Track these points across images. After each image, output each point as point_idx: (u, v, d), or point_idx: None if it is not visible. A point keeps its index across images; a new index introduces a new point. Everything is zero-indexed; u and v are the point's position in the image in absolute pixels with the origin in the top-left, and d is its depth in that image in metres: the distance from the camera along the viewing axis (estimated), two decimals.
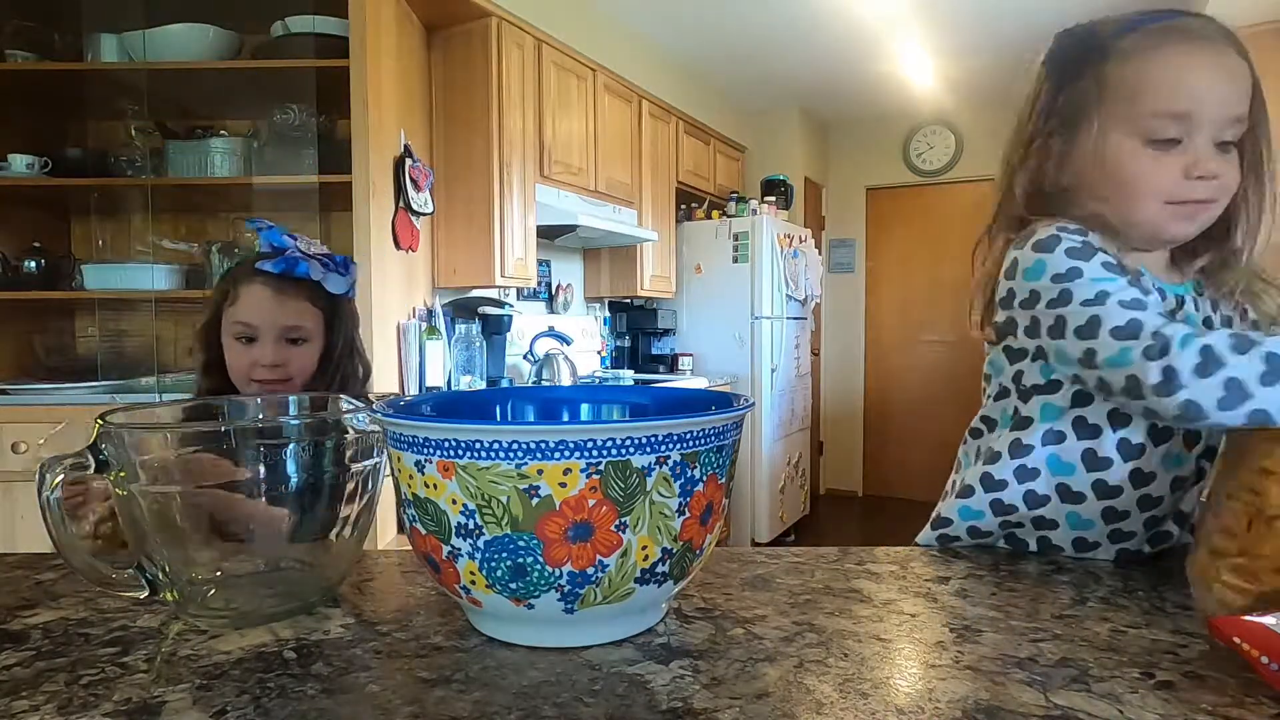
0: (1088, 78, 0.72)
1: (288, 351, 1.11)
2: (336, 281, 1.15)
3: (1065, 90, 0.74)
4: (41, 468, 0.51)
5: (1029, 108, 0.77)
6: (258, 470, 0.57)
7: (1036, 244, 0.70)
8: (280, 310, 1.11)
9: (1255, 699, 0.43)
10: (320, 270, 1.13)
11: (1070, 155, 0.74)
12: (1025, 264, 0.71)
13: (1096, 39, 0.72)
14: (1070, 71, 0.73)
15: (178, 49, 2.17)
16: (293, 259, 1.10)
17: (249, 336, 1.10)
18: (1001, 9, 3.38)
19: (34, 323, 2.39)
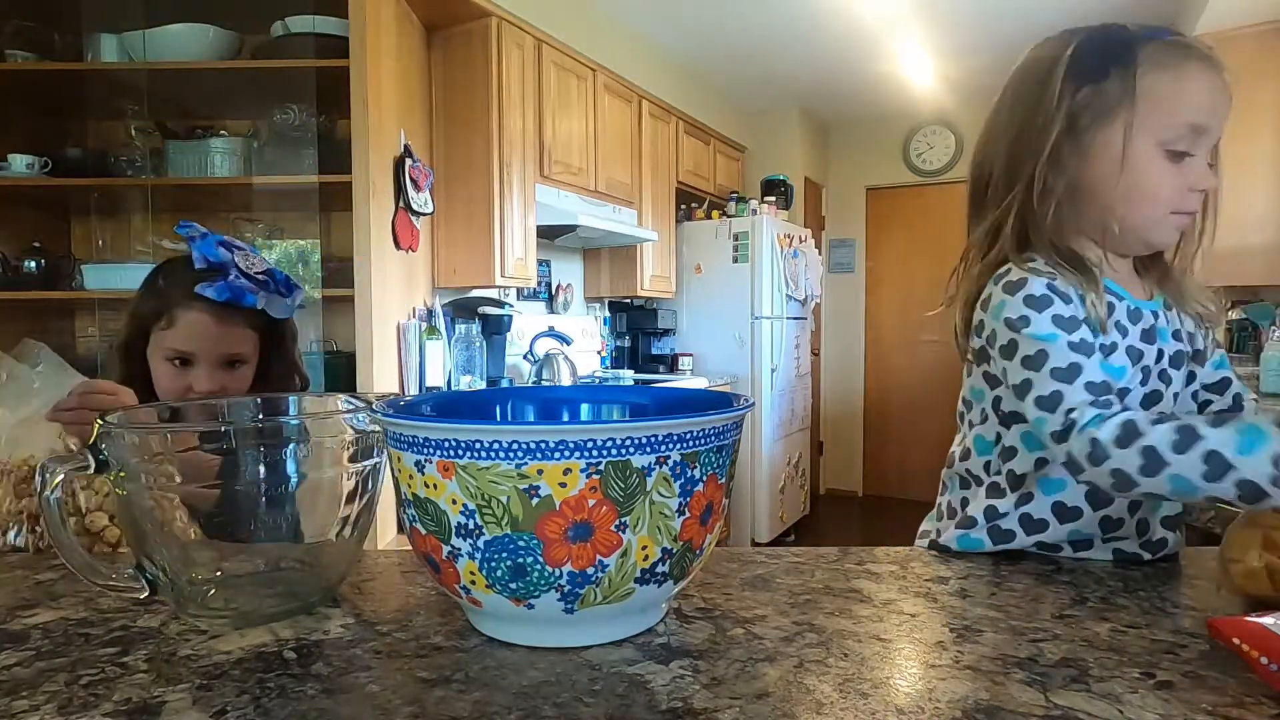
0: (1114, 79, 0.71)
1: (224, 376, 1.06)
2: (279, 306, 1.08)
3: (1086, 90, 0.73)
4: (42, 468, 0.51)
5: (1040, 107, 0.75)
6: (258, 470, 0.57)
7: (1007, 284, 0.73)
8: (221, 339, 1.04)
9: (1255, 699, 0.43)
10: (264, 297, 1.05)
11: (1085, 155, 0.73)
12: (993, 300, 0.74)
13: (1123, 43, 0.72)
14: (1095, 71, 0.72)
15: (178, 49, 2.17)
16: (238, 288, 1.02)
17: (183, 360, 1.04)
18: (1001, 9, 3.38)
19: (34, 323, 2.39)
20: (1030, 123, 0.75)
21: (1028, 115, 0.76)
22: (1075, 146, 0.74)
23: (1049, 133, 0.73)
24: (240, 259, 1.05)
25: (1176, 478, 0.59)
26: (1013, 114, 0.78)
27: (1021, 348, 0.70)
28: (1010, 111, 0.78)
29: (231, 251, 1.05)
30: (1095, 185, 0.74)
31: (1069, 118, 0.73)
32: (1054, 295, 0.71)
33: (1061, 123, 0.73)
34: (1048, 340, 0.69)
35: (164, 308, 1.04)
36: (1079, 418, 0.65)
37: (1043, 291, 0.71)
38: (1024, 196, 0.75)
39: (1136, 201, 0.72)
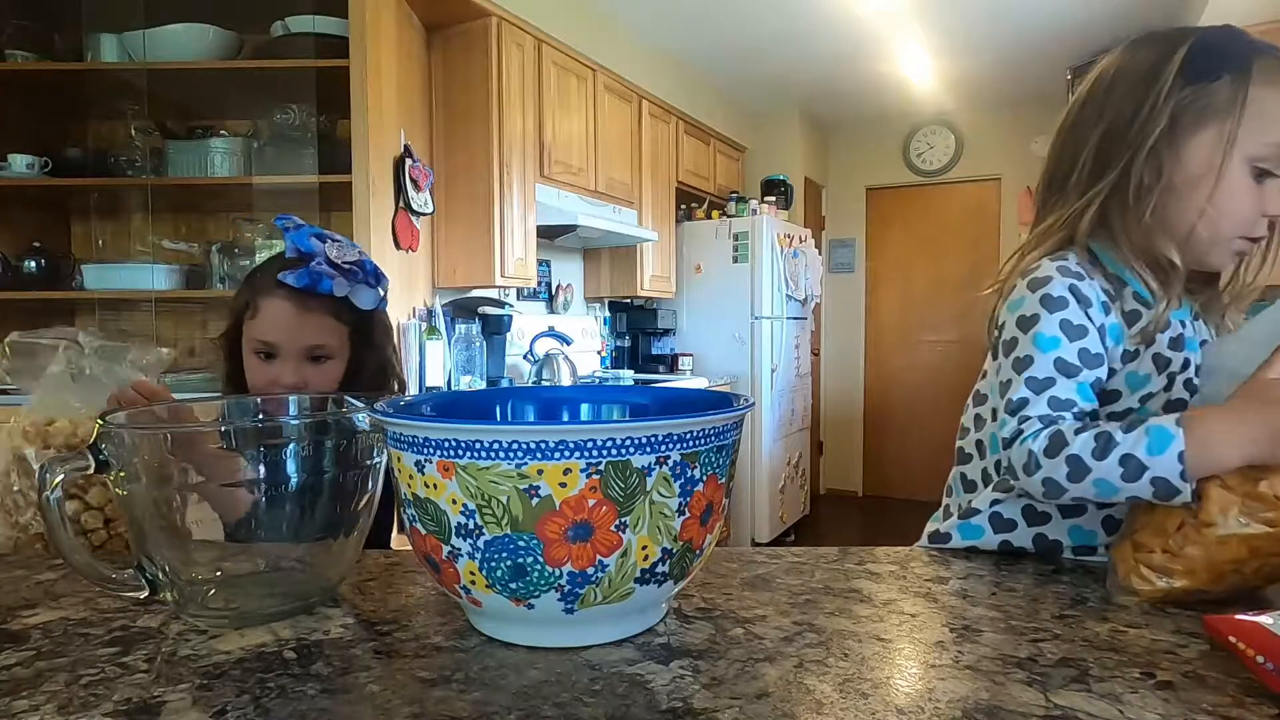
0: (1225, 83, 0.70)
1: (308, 370, 1.03)
2: (365, 296, 1.04)
3: (1195, 89, 0.70)
4: (42, 469, 0.51)
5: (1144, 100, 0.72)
6: (258, 470, 0.57)
7: (1031, 280, 0.73)
8: (302, 328, 1.01)
9: (1255, 699, 0.43)
10: (345, 285, 1.02)
11: (1179, 156, 0.72)
12: (1015, 294, 0.74)
13: (1240, 49, 0.71)
14: (1209, 72, 0.70)
15: (178, 49, 2.17)
16: (316, 273, 0.99)
17: (268, 353, 1.02)
18: (1001, 9, 3.38)
19: (34, 323, 2.38)
20: (1130, 115, 0.73)
21: (1128, 107, 0.73)
22: (1171, 145, 0.72)
23: (1151, 128, 0.71)
24: (332, 249, 1.02)
25: (1099, 481, 0.62)
26: (1109, 104, 0.75)
27: (1019, 347, 0.71)
28: (1106, 102, 0.76)
29: (324, 242, 1.03)
30: (1185, 189, 0.72)
31: (1173, 116, 0.71)
32: (1072, 298, 0.70)
33: (1165, 119, 0.71)
34: (1044, 347, 0.70)
35: (251, 297, 1.03)
36: (1026, 429, 0.67)
37: (1061, 293, 0.71)
38: (1113, 189, 0.74)
39: (1219, 216, 0.71)
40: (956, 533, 0.78)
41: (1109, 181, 0.74)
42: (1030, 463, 0.65)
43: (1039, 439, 0.65)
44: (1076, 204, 0.76)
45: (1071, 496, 0.64)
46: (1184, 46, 0.71)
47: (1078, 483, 0.63)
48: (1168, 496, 0.60)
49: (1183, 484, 0.59)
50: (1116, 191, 0.74)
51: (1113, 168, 0.74)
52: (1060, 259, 0.74)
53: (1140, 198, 0.72)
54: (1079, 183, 0.77)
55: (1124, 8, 3.29)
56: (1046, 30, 3.54)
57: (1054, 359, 0.69)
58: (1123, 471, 0.61)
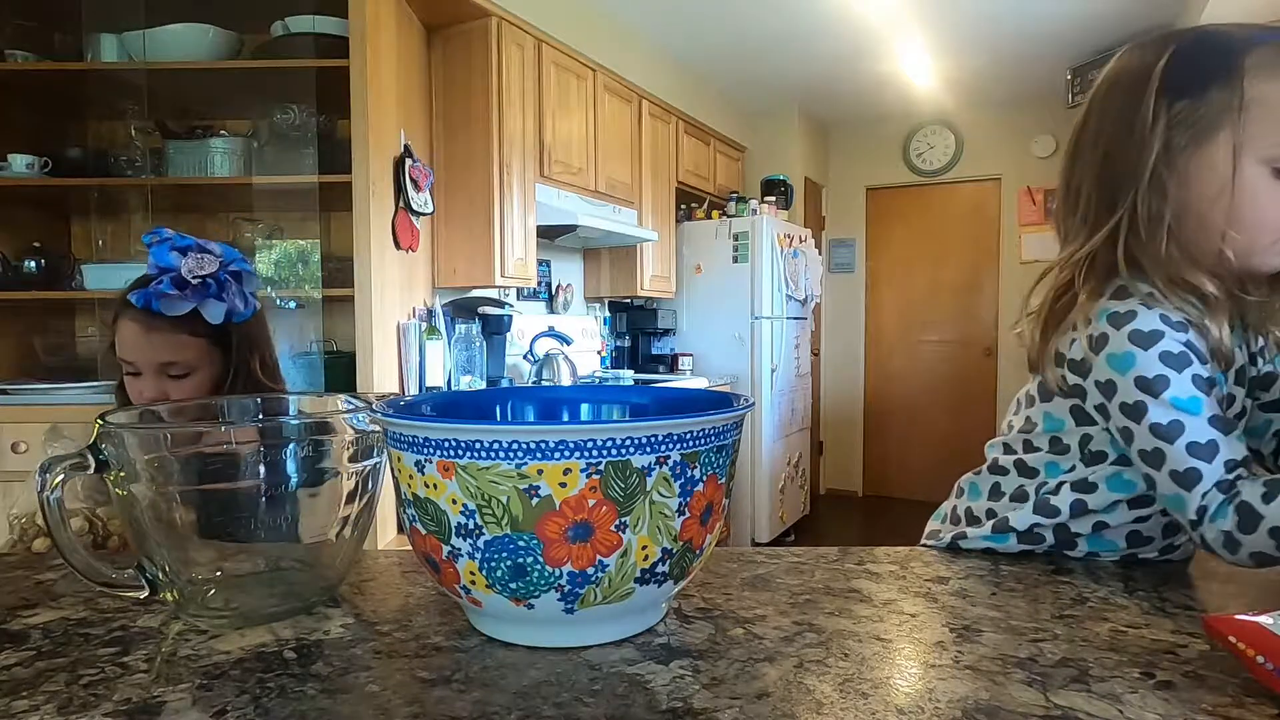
0: (1215, 92, 0.65)
1: (169, 385, 1.05)
2: (213, 309, 1.04)
3: (1183, 106, 0.66)
4: (42, 468, 0.51)
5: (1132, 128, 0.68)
6: (257, 470, 0.57)
7: (1134, 334, 0.65)
8: (149, 346, 1.03)
9: (1255, 699, 0.43)
10: (184, 304, 1.02)
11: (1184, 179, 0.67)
12: (1113, 349, 0.66)
13: (1223, 50, 0.66)
14: (1192, 85, 0.66)
15: (178, 49, 2.17)
16: (148, 294, 1.00)
17: (131, 371, 1.05)
18: (1001, 9, 3.38)
19: (34, 323, 2.39)
20: (1123, 143, 0.69)
21: (1119, 135, 0.69)
22: (1172, 170, 0.67)
23: (1145, 156, 0.67)
24: (190, 262, 1.02)
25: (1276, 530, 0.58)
26: (1101, 130, 0.72)
27: (1152, 414, 0.64)
28: (1099, 127, 0.72)
29: (185, 255, 1.03)
30: (1200, 211, 0.67)
31: (1165, 136, 0.66)
32: (1192, 355, 0.65)
33: (1159, 145, 0.66)
34: (1189, 410, 0.63)
35: (112, 317, 1.06)
36: (1209, 504, 0.62)
37: (1180, 349, 0.65)
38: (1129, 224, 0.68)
39: (1244, 227, 0.66)
40: (981, 541, 0.76)
41: (1121, 215, 0.69)
42: (1229, 543, 0.61)
43: (1227, 517, 0.61)
44: (1094, 240, 0.71)
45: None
46: (1162, 61, 0.67)
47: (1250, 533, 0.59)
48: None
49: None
50: (1131, 224, 0.68)
51: (1121, 199, 0.69)
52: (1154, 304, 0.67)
53: (1153, 228, 0.67)
54: (1089, 215, 0.72)
55: (1124, 8, 3.29)
56: (1046, 30, 3.54)
57: (1207, 419, 0.63)
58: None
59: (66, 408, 2.02)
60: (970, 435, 4.92)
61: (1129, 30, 3.52)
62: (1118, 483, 0.72)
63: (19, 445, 2.01)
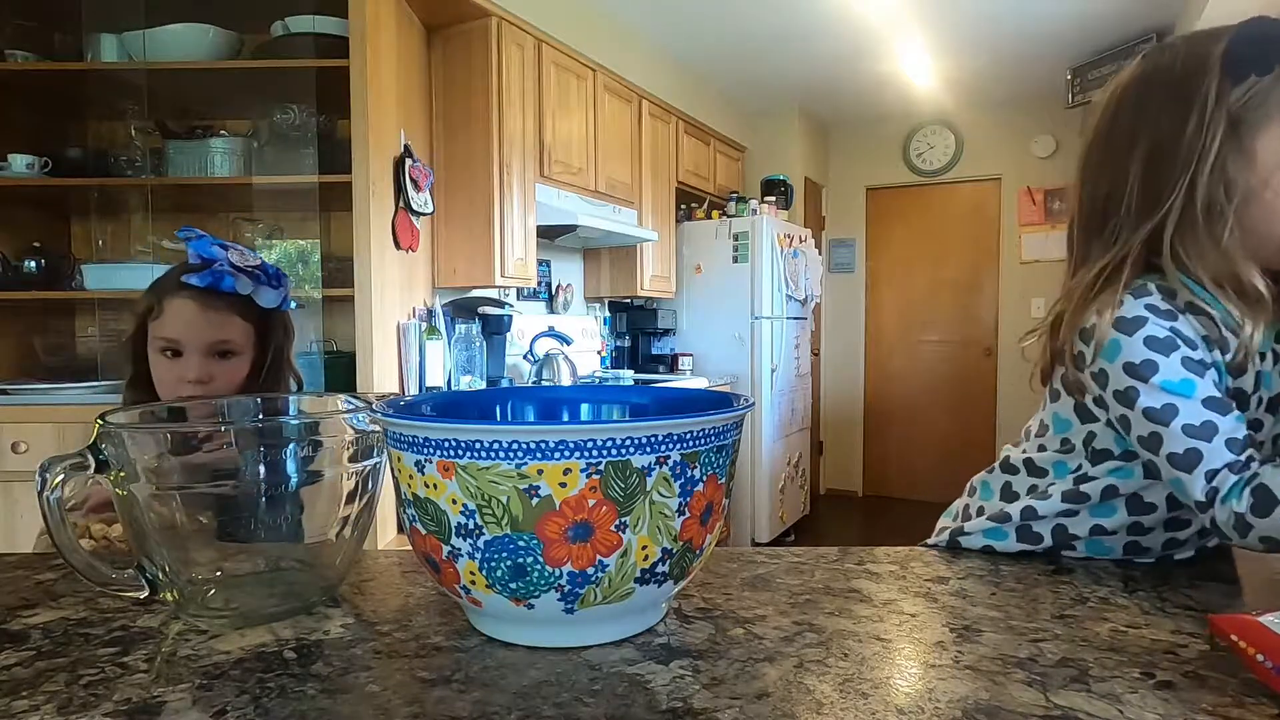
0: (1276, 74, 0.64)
1: (215, 366, 1.07)
2: (268, 295, 1.10)
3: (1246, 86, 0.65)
4: (42, 468, 0.51)
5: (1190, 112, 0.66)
6: (258, 470, 0.57)
7: (1118, 320, 0.66)
8: (206, 325, 1.06)
9: (1255, 699, 0.43)
10: (249, 284, 1.07)
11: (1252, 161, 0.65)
12: (1100, 338, 0.67)
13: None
14: (1255, 66, 0.64)
15: (178, 49, 2.17)
16: (219, 273, 1.05)
17: (174, 350, 1.06)
18: (1001, 9, 3.38)
19: (34, 323, 2.39)
20: (1177, 130, 0.67)
21: (1173, 122, 0.67)
22: (1240, 151, 0.65)
23: (1210, 139, 0.65)
24: (233, 255, 1.08)
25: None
26: (1145, 122, 0.69)
27: (1144, 398, 0.64)
28: (1139, 123, 0.70)
29: (226, 250, 1.08)
30: (1261, 196, 0.65)
31: (1231, 121, 0.65)
32: (1178, 339, 0.65)
33: (1222, 126, 0.65)
34: (1181, 393, 0.63)
35: (155, 300, 1.08)
36: (1220, 486, 0.61)
37: (1165, 334, 0.65)
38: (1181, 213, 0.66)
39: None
40: (982, 536, 0.77)
41: (1171, 205, 0.67)
42: (1240, 524, 0.60)
43: (1241, 497, 0.60)
44: (1135, 237, 0.69)
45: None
46: (1218, 46, 0.66)
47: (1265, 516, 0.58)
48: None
49: None
50: (1183, 216, 0.67)
51: (1170, 191, 0.67)
52: (1141, 291, 0.67)
53: (1214, 218, 0.66)
54: (1130, 217, 0.70)
55: (1124, 8, 3.29)
56: (1046, 30, 3.54)
57: (1201, 400, 0.63)
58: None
59: (66, 408, 2.02)
60: (970, 435, 4.93)
61: (1129, 30, 3.52)
62: (1116, 476, 0.72)
63: (19, 445, 2.01)
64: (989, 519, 0.78)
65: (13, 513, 2.01)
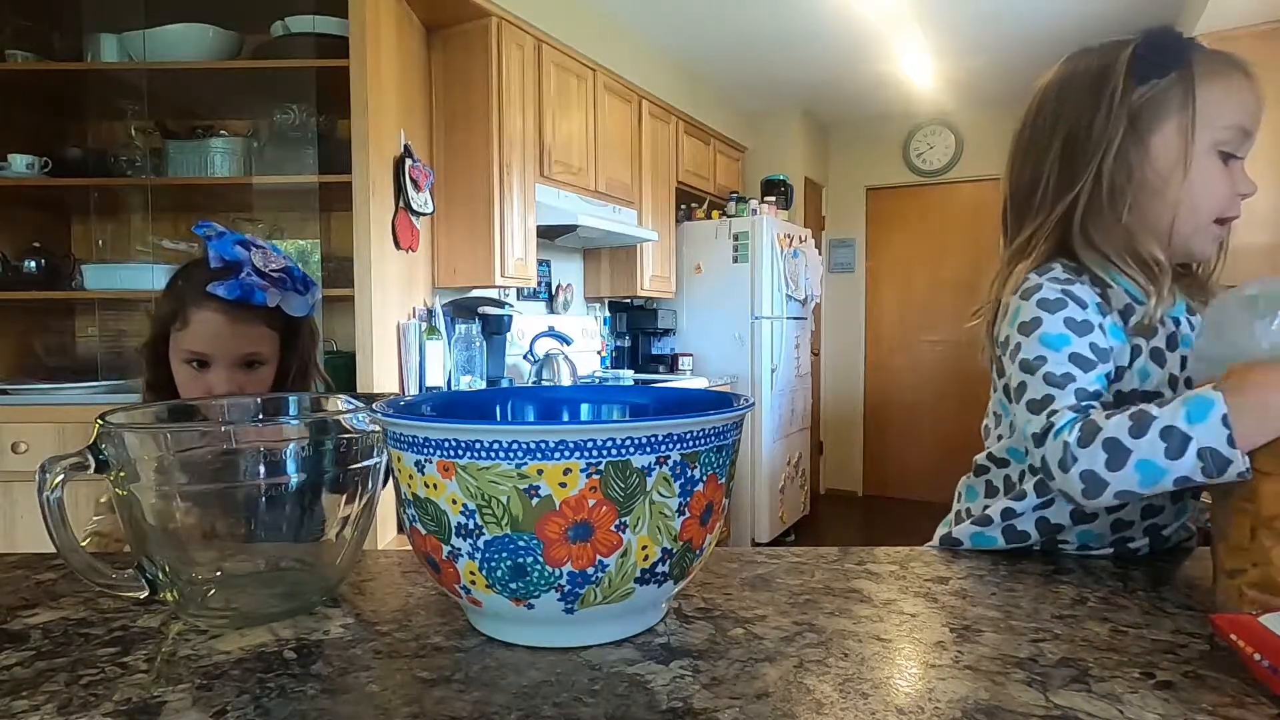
0: (1174, 79, 0.72)
1: (242, 377, 1.03)
2: (297, 304, 1.06)
3: (1147, 86, 0.73)
4: (42, 468, 0.51)
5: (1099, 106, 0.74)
6: (257, 470, 0.57)
7: (1023, 290, 0.73)
8: (234, 339, 1.02)
9: (1255, 699, 0.43)
10: (278, 294, 1.03)
11: (1148, 153, 0.73)
12: (1010, 308, 0.74)
13: (1179, 46, 0.73)
14: (1156, 70, 0.73)
15: (178, 49, 2.17)
16: (248, 285, 1.00)
17: (201, 362, 1.02)
18: (1001, 9, 3.37)
19: (34, 323, 2.39)
20: (1088, 122, 0.75)
21: (1085, 115, 0.75)
22: (1138, 143, 0.73)
23: (1114, 131, 0.73)
24: (257, 257, 1.03)
25: (1142, 464, 0.58)
26: (1063, 115, 0.77)
27: (1025, 349, 0.70)
28: (1060, 114, 0.78)
29: (249, 250, 1.03)
30: (1159, 185, 0.73)
31: (1131, 116, 0.73)
32: (1069, 299, 0.70)
33: (1124, 121, 0.73)
34: (1053, 345, 0.69)
35: (179, 308, 1.03)
36: (1057, 421, 0.65)
37: (1057, 295, 0.71)
38: (1089, 196, 0.75)
39: (1194, 202, 0.73)
40: (969, 541, 0.79)
41: (1081, 189, 0.75)
42: (1066, 456, 0.62)
43: (1072, 430, 0.62)
44: (1049, 217, 0.77)
45: (1115, 491, 0.60)
46: (1128, 50, 0.74)
47: (1119, 470, 0.59)
48: (1220, 470, 0.56)
49: (1232, 451, 0.55)
50: (1091, 198, 0.75)
51: (1081, 175, 0.75)
52: (1046, 270, 0.74)
53: (1115, 199, 0.74)
54: (1047, 196, 0.78)
55: (1124, 8, 3.29)
56: (1046, 30, 3.53)
57: (1068, 354, 0.68)
58: (1165, 447, 0.57)
59: (66, 408, 2.02)
60: (970, 435, 4.88)
61: (1129, 30, 3.52)
62: None
63: (19, 445, 2.01)
64: (973, 523, 0.79)
65: (13, 513, 2.01)
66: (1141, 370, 0.73)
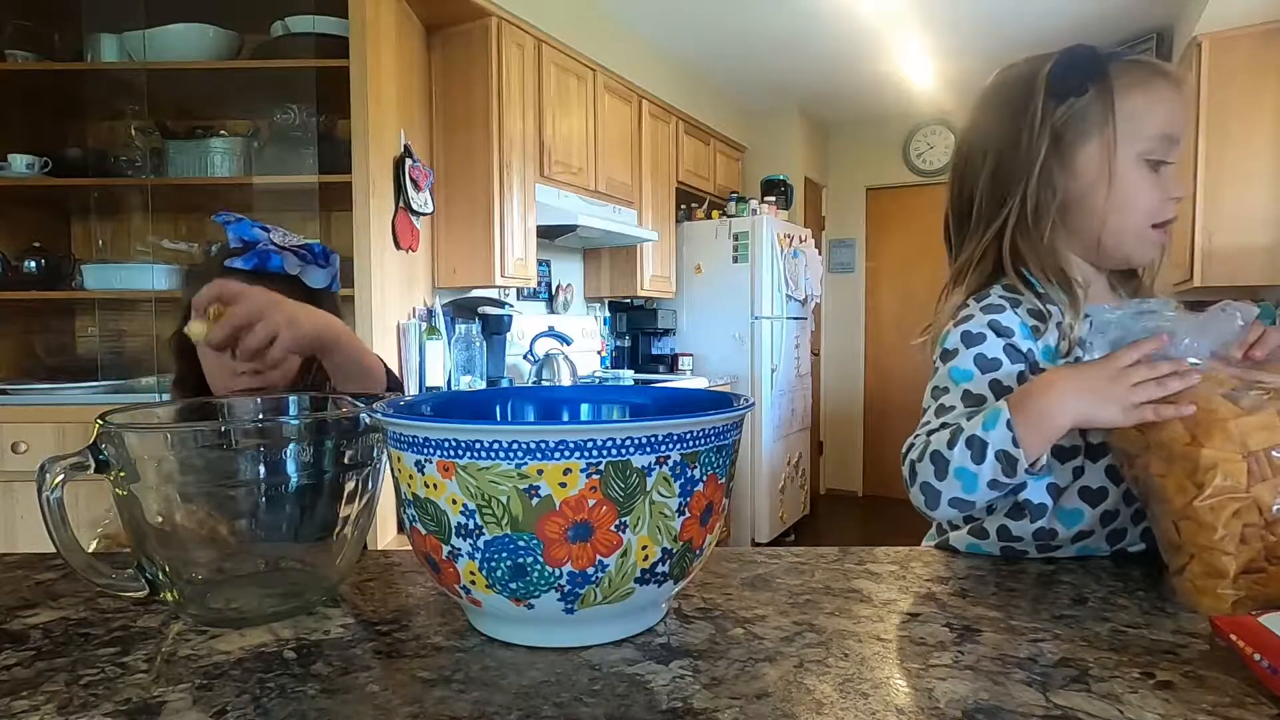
0: (1092, 95, 0.74)
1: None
2: (316, 275, 1.04)
3: (1066, 106, 0.75)
4: (42, 468, 0.51)
5: (1022, 127, 0.76)
6: (257, 470, 0.57)
7: (959, 317, 0.77)
8: None
9: (1255, 699, 0.43)
10: (297, 263, 1.01)
11: (1072, 170, 0.75)
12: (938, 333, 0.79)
13: (1095, 61, 0.75)
14: (1074, 88, 0.75)
15: (178, 49, 2.17)
16: (265, 253, 0.99)
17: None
18: (1001, 9, 3.38)
19: (34, 323, 2.39)
20: (1013, 143, 0.77)
21: (1010, 136, 0.77)
22: (1062, 163, 0.75)
23: (1036, 152, 0.75)
24: (275, 235, 1.03)
25: (959, 471, 0.65)
26: (991, 135, 0.80)
27: (937, 377, 0.75)
28: (988, 133, 0.80)
29: (267, 231, 1.03)
30: (1084, 200, 0.76)
31: (1054, 135, 0.75)
32: (990, 333, 0.74)
33: (1047, 140, 0.75)
34: (956, 380, 0.73)
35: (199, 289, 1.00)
36: (915, 443, 0.71)
37: (980, 330, 0.74)
38: (1017, 216, 0.77)
39: (1124, 213, 0.75)
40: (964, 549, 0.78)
41: (1010, 209, 0.77)
42: (910, 473, 0.69)
43: (916, 448, 0.69)
44: (985, 236, 0.80)
45: (947, 499, 0.67)
46: (1045, 69, 0.76)
47: (943, 479, 0.66)
48: (1012, 469, 0.63)
49: (1017, 450, 0.63)
50: (1019, 218, 0.77)
51: (1012, 195, 0.77)
52: (984, 296, 0.77)
53: (1039, 219, 0.76)
54: (981, 216, 0.81)
55: (1124, 8, 3.29)
56: (1046, 30, 3.53)
57: (963, 391, 0.73)
58: (971, 454, 0.64)
59: (66, 408, 2.02)
60: None
61: (1129, 30, 3.52)
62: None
63: (19, 445, 2.01)
64: (969, 533, 0.79)
65: (13, 513, 2.01)
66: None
